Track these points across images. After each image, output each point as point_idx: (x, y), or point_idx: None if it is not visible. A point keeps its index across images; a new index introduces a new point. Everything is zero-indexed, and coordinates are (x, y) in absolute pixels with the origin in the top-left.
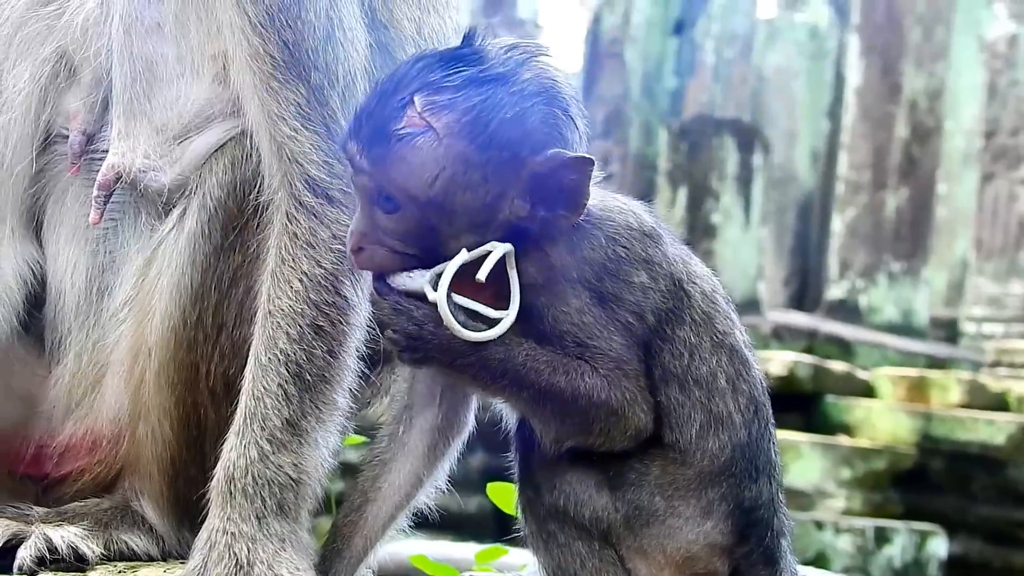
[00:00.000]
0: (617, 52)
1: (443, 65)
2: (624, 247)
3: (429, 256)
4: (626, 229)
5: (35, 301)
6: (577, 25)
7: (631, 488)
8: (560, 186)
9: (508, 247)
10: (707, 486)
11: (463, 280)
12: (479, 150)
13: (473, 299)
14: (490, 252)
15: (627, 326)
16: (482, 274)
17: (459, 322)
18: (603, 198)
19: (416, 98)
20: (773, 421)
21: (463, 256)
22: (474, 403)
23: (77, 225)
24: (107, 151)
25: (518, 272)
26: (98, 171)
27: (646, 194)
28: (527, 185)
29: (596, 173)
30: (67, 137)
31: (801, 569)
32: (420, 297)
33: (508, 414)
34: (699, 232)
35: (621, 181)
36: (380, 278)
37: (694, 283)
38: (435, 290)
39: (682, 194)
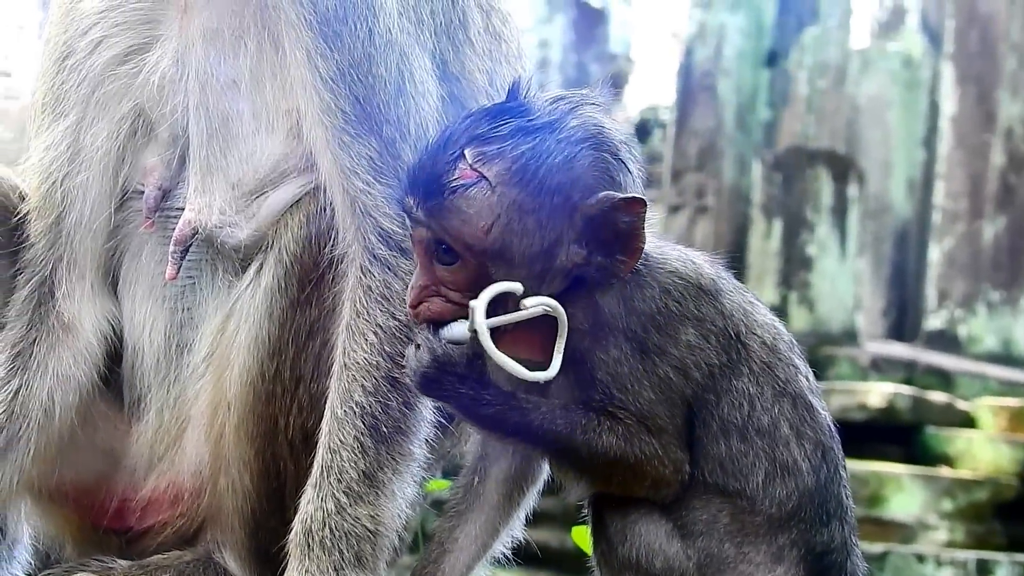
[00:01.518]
0: (710, 84)
1: (490, 118)
2: (677, 302)
3: (488, 307)
4: (683, 283)
5: (115, 356)
6: (669, 58)
7: (701, 536)
8: (615, 230)
9: (555, 304)
10: (777, 532)
11: (510, 331)
12: (531, 196)
13: (519, 346)
14: (542, 305)
15: (665, 380)
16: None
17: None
18: (663, 248)
19: (466, 151)
20: (843, 465)
21: (498, 287)
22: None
23: (154, 282)
24: (183, 207)
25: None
26: (174, 227)
27: (741, 227)
28: (581, 230)
29: (651, 217)
30: (143, 193)
31: None
32: (460, 343)
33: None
34: (795, 264)
35: (716, 214)
36: (433, 329)
37: (753, 334)
38: (474, 330)
39: (777, 226)
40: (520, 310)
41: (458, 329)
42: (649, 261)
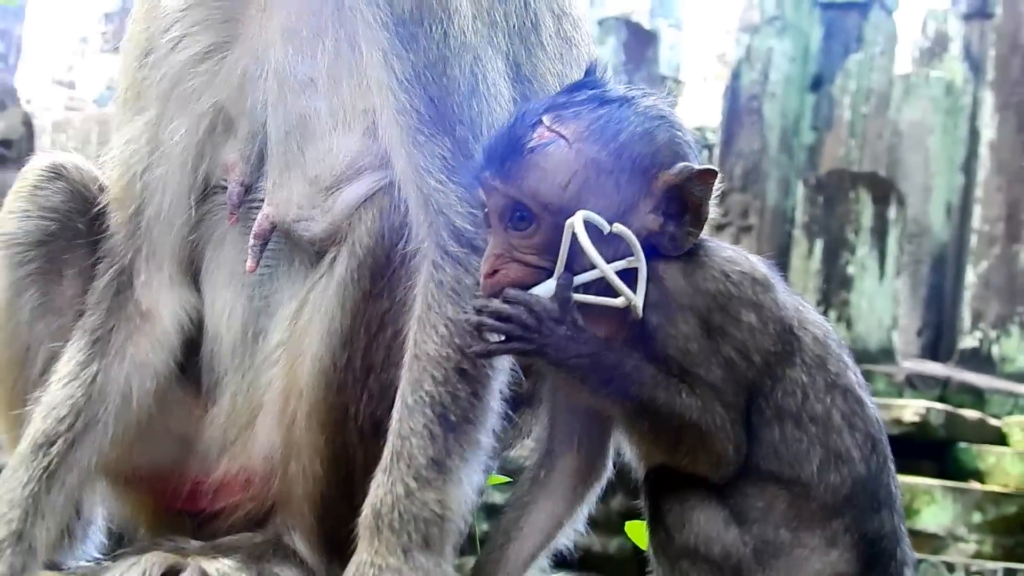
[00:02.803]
0: (756, 108)
1: (568, 91)
2: (735, 285)
3: (558, 263)
4: (739, 270)
5: (191, 344)
6: (717, 81)
7: (757, 523)
8: (689, 200)
9: (635, 240)
10: (830, 518)
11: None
12: (610, 156)
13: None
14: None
15: (729, 361)
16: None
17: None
18: (717, 243)
19: (544, 117)
20: (891, 457)
21: (587, 213)
22: (611, 450)
23: (234, 272)
24: (263, 201)
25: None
26: (254, 220)
27: (784, 246)
28: (660, 198)
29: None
30: (225, 188)
31: None
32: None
33: (635, 464)
34: (835, 283)
35: (759, 233)
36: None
37: (805, 328)
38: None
39: (818, 246)
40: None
41: (543, 288)
42: (707, 245)
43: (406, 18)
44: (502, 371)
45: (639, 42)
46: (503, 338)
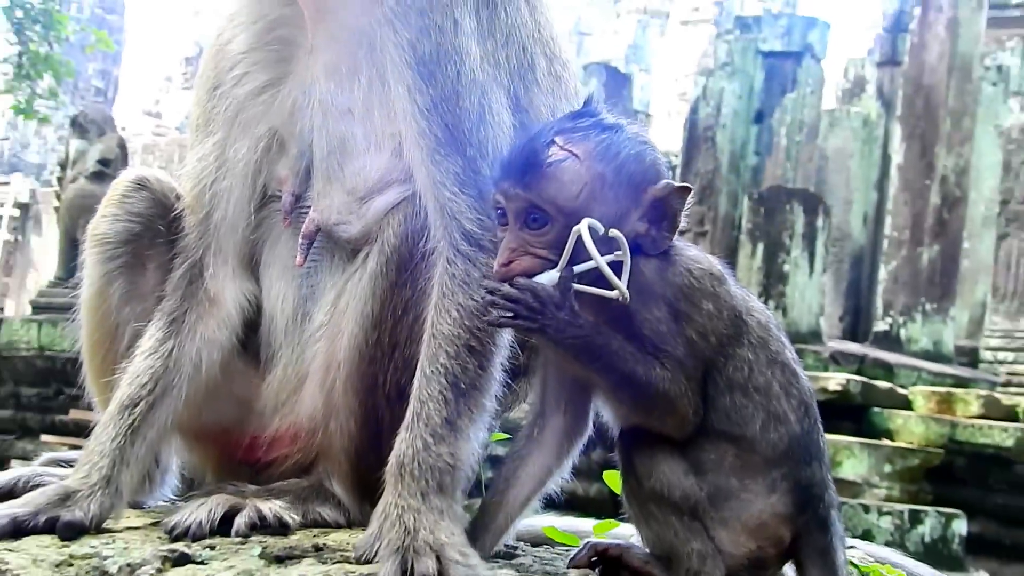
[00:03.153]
0: (710, 136)
1: (572, 118)
2: (697, 279)
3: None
4: (700, 267)
5: (249, 324)
6: (678, 116)
7: (711, 472)
8: (667, 210)
9: (623, 239)
10: (771, 468)
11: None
12: (612, 172)
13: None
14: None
15: (691, 341)
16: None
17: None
18: (684, 244)
19: (557, 137)
20: (820, 418)
21: (591, 220)
22: (592, 412)
23: (285, 265)
24: (310, 208)
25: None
26: (303, 224)
27: (732, 248)
28: (647, 207)
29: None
30: (279, 197)
31: (850, 541)
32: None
33: (612, 424)
34: (773, 279)
35: (712, 238)
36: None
37: (751, 315)
38: (562, 277)
39: (760, 249)
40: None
41: (547, 277)
42: (676, 246)
43: (426, 59)
44: (503, 347)
45: (616, 83)
46: (512, 315)
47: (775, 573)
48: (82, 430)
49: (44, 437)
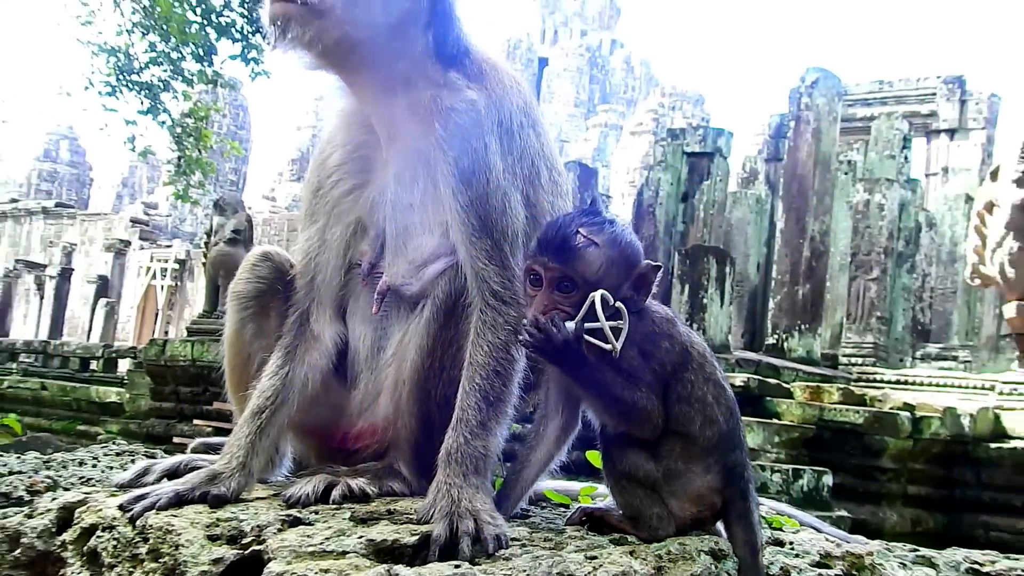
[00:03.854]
0: (651, 211)
1: (587, 213)
2: (659, 326)
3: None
4: (661, 317)
5: (340, 353)
6: (629, 196)
7: (665, 459)
8: (645, 282)
9: (625, 312)
10: (707, 456)
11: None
12: (617, 255)
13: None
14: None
15: (654, 370)
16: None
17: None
18: (651, 302)
19: (581, 229)
20: (740, 416)
21: (603, 292)
22: (580, 414)
23: (365, 313)
24: (382, 273)
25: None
26: (377, 284)
27: (667, 289)
28: (634, 280)
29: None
30: (360, 265)
31: (759, 500)
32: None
33: (595, 423)
34: (696, 309)
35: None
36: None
37: (693, 347)
38: (581, 325)
39: (686, 289)
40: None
41: (567, 327)
42: (647, 304)
43: (465, 171)
44: (519, 372)
45: (587, 175)
46: (538, 344)
47: (710, 528)
48: (221, 416)
49: (195, 421)
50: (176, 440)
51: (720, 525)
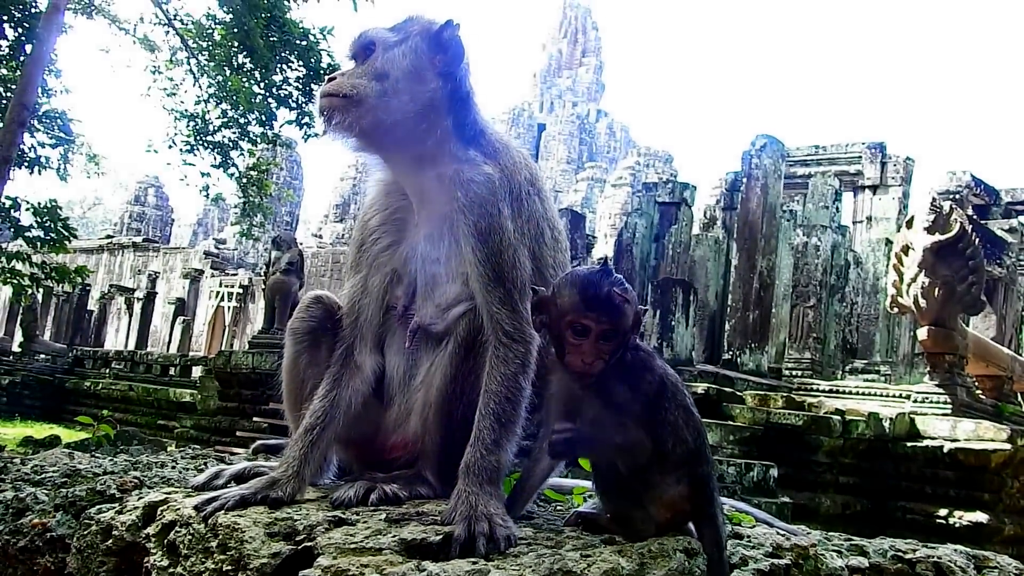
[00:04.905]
0: (629, 249)
1: (609, 273)
2: (647, 363)
3: (614, 353)
4: (643, 352)
5: (379, 380)
6: (611, 238)
7: (645, 471)
8: (639, 321)
9: None
10: (678, 469)
11: None
12: (633, 306)
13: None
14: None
15: (641, 400)
16: None
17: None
18: (637, 341)
19: (615, 289)
20: (706, 435)
21: None
22: None
23: (399, 347)
24: (414, 314)
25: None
26: (410, 323)
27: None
28: (635, 321)
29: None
30: (395, 308)
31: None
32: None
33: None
34: (666, 331)
35: None
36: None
37: (668, 377)
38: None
39: (658, 314)
40: None
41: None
42: (635, 342)
43: (482, 231)
44: (527, 398)
45: (576, 220)
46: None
47: (684, 530)
48: (275, 414)
49: (255, 418)
50: (239, 433)
51: (691, 526)
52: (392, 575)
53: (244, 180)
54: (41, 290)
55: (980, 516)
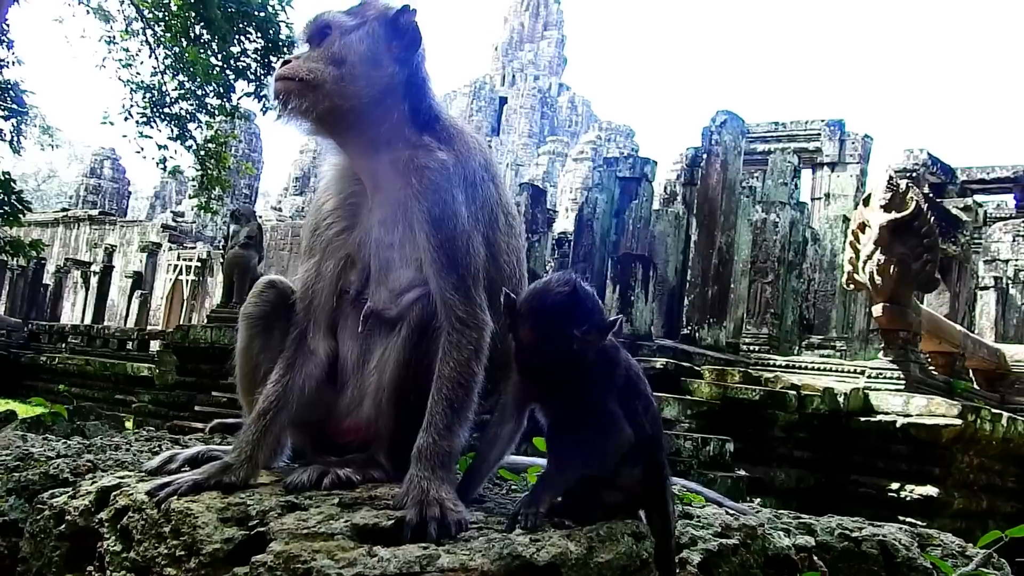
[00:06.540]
0: (590, 224)
1: (558, 307)
2: (614, 356)
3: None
4: (611, 347)
5: (332, 364)
6: (572, 212)
7: (608, 456)
8: (602, 337)
9: None
10: (634, 455)
11: None
12: (590, 334)
13: None
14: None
15: (618, 391)
16: None
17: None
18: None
19: (559, 328)
20: (662, 422)
21: None
22: (526, 417)
23: (353, 332)
24: (367, 299)
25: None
26: (363, 307)
27: (601, 289)
28: (593, 342)
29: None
30: (348, 292)
31: (673, 480)
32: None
33: (545, 424)
34: (625, 305)
35: (591, 284)
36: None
37: (631, 368)
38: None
39: (618, 289)
40: None
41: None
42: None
43: (436, 217)
44: (479, 383)
45: (538, 194)
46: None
47: (634, 514)
48: (234, 388)
49: (213, 393)
50: (197, 408)
51: (642, 512)
52: (344, 560)
53: (202, 153)
54: None
55: (931, 490)
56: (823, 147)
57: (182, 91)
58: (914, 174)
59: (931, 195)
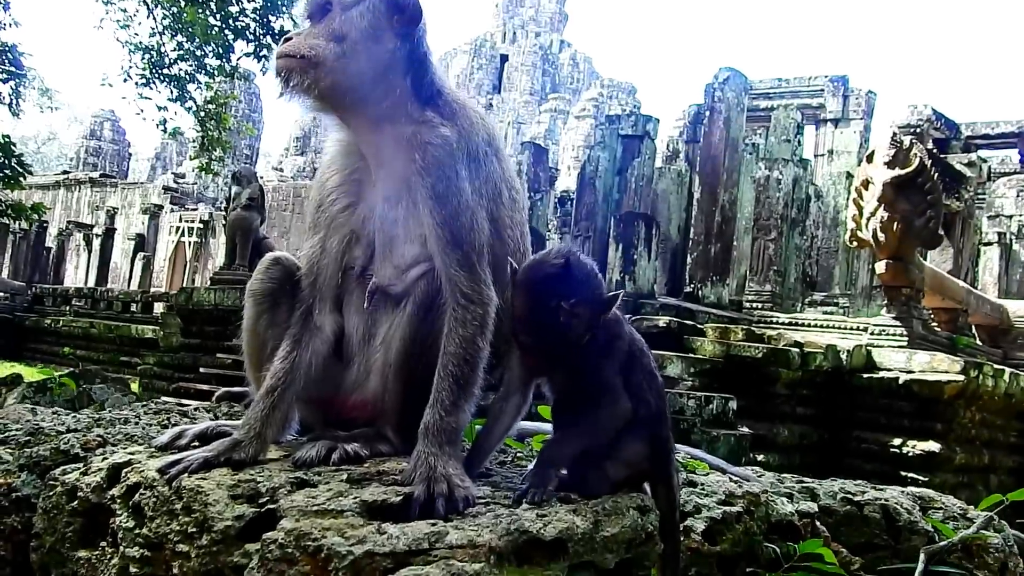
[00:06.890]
0: (593, 182)
1: (550, 288)
2: (616, 331)
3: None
4: (614, 321)
5: (338, 340)
6: (575, 170)
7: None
8: (602, 313)
9: None
10: (639, 430)
11: None
12: (585, 313)
13: None
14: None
15: (617, 364)
16: None
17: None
18: (613, 312)
19: (548, 312)
20: (666, 396)
21: None
22: (532, 392)
23: (358, 308)
24: (372, 275)
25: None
26: (368, 283)
27: (604, 247)
28: (590, 321)
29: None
30: (354, 268)
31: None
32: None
33: (549, 397)
34: (628, 264)
35: (593, 242)
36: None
37: (635, 343)
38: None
39: (620, 248)
40: None
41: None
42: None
43: (440, 193)
44: (485, 358)
45: (539, 152)
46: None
47: (639, 488)
48: (239, 350)
49: (217, 354)
50: (202, 370)
51: (646, 485)
52: (353, 538)
53: (202, 114)
54: None
55: (933, 445)
56: (827, 103)
57: (181, 51)
58: (918, 130)
59: (935, 151)
